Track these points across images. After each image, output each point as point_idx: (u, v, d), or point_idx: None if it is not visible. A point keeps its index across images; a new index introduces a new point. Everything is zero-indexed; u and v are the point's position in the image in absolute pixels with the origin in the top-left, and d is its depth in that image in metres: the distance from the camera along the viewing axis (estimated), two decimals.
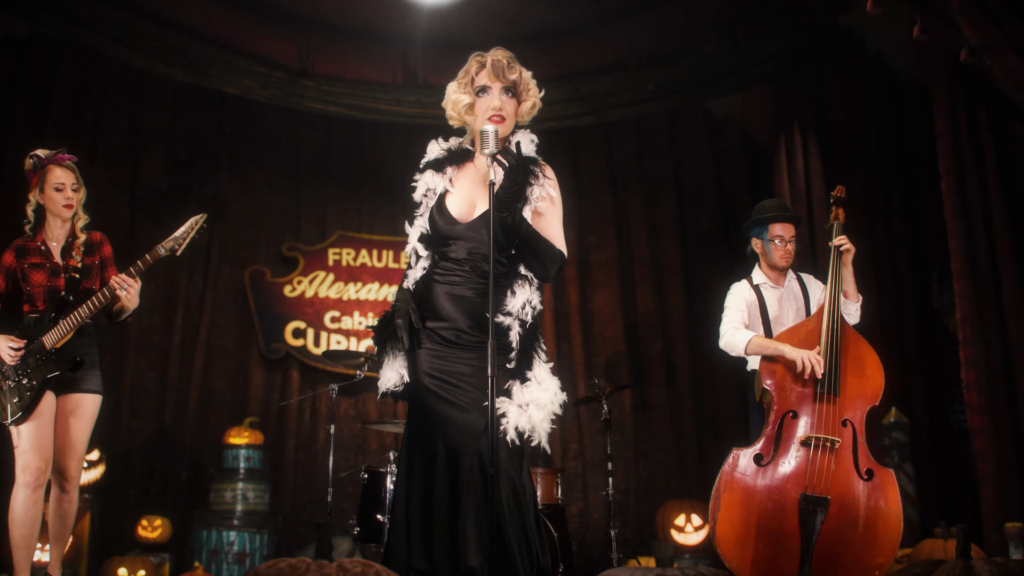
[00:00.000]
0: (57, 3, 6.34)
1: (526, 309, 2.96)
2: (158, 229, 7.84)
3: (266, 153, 8.32)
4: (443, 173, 3.11)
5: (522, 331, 2.95)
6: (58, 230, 4.11)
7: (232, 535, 6.66)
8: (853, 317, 4.46)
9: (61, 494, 4.01)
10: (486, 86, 3.00)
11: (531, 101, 3.08)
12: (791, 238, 4.60)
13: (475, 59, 3.07)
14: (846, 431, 4.17)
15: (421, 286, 3.03)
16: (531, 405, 2.87)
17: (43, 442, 3.87)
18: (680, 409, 8.30)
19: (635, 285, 8.63)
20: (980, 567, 3.09)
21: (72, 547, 6.23)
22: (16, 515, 3.82)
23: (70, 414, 4.00)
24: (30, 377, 3.88)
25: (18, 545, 3.83)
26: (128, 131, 7.87)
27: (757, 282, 4.64)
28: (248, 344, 8.00)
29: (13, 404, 3.85)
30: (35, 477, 3.83)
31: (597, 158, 8.82)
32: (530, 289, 2.99)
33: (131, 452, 7.37)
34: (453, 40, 7.19)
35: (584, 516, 7.96)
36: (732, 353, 4.50)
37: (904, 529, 4.07)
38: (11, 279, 4.02)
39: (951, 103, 5.74)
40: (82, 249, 4.11)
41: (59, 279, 4.03)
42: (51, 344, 3.90)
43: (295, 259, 8.14)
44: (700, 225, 8.79)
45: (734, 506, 4.09)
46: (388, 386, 3.05)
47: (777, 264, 4.59)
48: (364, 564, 2.31)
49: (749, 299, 4.57)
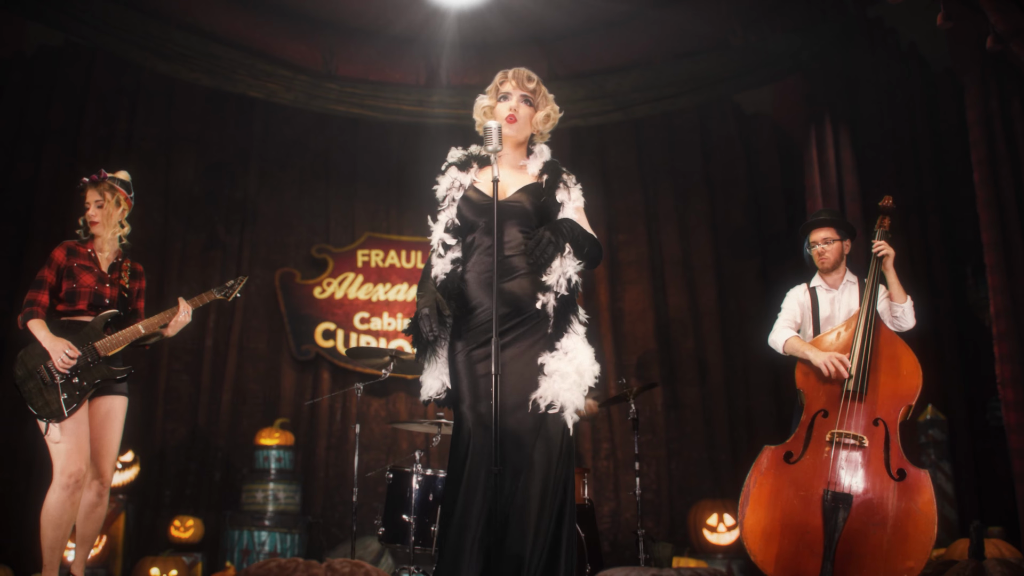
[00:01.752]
0: (86, 12, 6.44)
1: (561, 282, 3.01)
2: (190, 233, 7.97)
3: (295, 156, 8.40)
4: (467, 171, 3.22)
5: (557, 304, 2.99)
6: (104, 245, 4.22)
7: (263, 535, 6.72)
8: (905, 320, 4.50)
9: (95, 499, 4.04)
10: (508, 92, 3.21)
11: (546, 111, 3.25)
12: (824, 240, 4.70)
13: (501, 72, 3.28)
14: (877, 430, 4.14)
15: (450, 277, 3.07)
16: (555, 375, 2.91)
17: (82, 444, 3.89)
18: (713, 407, 8.21)
19: (666, 283, 8.55)
20: (992, 568, 3.01)
21: (107, 547, 6.34)
22: (52, 516, 3.82)
23: (105, 416, 4.06)
24: (80, 378, 3.91)
25: (51, 546, 3.83)
26: (160, 137, 7.99)
27: (813, 285, 4.79)
28: (279, 346, 8.07)
29: (63, 400, 3.85)
30: (75, 480, 3.83)
31: (626, 155, 8.76)
32: (565, 259, 3.04)
33: (166, 453, 7.47)
34: (476, 41, 7.19)
35: (616, 516, 7.90)
36: (775, 350, 4.68)
37: (941, 529, 3.99)
38: (60, 276, 4.07)
39: (983, 93, 5.59)
40: (128, 272, 4.27)
41: (105, 287, 4.11)
42: (104, 351, 4.00)
43: (324, 261, 8.19)
44: (732, 222, 8.68)
45: (762, 502, 4.14)
46: (431, 394, 3.07)
47: (817, 267, 4.73)
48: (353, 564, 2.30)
49: (802, 301, 4.74)
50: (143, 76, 7.82)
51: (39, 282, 4.03)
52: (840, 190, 7.14)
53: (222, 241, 8.09)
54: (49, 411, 3.84)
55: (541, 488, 2.82)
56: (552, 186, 3.15)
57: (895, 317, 4.49)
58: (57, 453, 3.84)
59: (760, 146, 8.70)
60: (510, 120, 3.14)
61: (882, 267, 4.43)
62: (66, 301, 4.05)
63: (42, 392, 3.86)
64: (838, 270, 4.72)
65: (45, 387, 3.86)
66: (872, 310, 4.33)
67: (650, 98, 7.36)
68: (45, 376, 3.87)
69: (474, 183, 3.18)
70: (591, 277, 8.44)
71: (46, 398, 3.85)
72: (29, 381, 3.88)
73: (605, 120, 7.88)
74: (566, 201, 3.14)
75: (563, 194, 3.15)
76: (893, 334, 4.35)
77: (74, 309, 4.04)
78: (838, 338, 4.41)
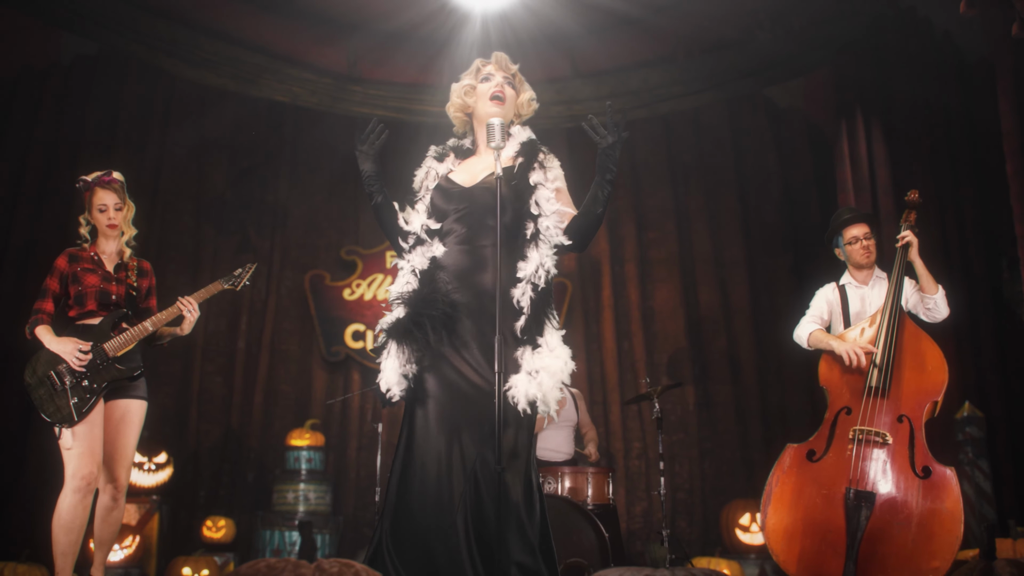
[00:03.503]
0: (115, 21, 6.57)
1: (539, 273, 2.92)
2: (222, 236, 8.07)
3: (324, 159, 8.46)
4: (443, 162, 3.23)
5: (534, 295, 2.89)
6: (109, 247, 4.21)
7: (294, 535, 6.78)
8: (939, 310, 4.44)
9: (110, 502, 4.00)
10: (491, 74, 3.17)
11: (528, 94, 3.21)
12: (865, 235, 4.67)
13: (480, 59, 3.25)
14: (902, 427, 4.05)
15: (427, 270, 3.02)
16: (542, 372, 2.80)
17: (94, 447, 3.86)
18: (745, 406, 8.10)
19: (697, 281, 8.46)
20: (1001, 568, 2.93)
21: (141, 547, 6.44)
22: (63, 520, 3.79)
23: (120, 420, 4.01)
24: (90, 380, 3.88)
25: (63, 551, 3.80)
26: (192, 142, 8.10)
27: (843, 283, 4.73)
28: (310, 347, 8.15)
29: (73, 404, 3.84)
30: (86, 483, 3.80)
31: (654, 153, 8.68)
32: (542, 252, 2.95)
33: (200, 455, 7.59)
34: (500, 42, 7.18)
35: (648, 516, 7.84)
36: (801, 345, 4.64)
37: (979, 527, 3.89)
38: (63, 283, 4.08)
39: (1015, 81, 5.44)
40: (135, 271, 4.22)
41: (111, 285, 4.08)
42: (112, 352, 3.96)
43: (353, 263, 8.25)
44: (764, 218, 8.56)
45: (784, 501, 4.10)
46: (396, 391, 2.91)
47: (861, 263, 4.67)
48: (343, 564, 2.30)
49: (831, 298, 4.70)
50: (175, 83, 7.94)
51: (43, 291, 4.04)
52: (872, 184, 7.01)
53: (253, 245, 8.19)
54: (60, 416, 3.83)
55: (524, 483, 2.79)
56: (525, 168, 3.05)
57: (928, 309, 4.42)
58: (68, 457, 3.81)
59: (792, 140, 8.57)
60: (495, 98, 3.10)
61: (908, 257, 4.35)
62: (76, 305, 4.04)
63: (52, 398, 3.85)
64: (870, 266, 4.67)
65: (55, 393, 3.85)
66: (896, 304, 4.24)
67: (675, 94, 7.30)
68: (55, 382, 3.86)
69: (449, 172, 3.17)
70: (621, 275, 8.39)
71: (57, 403, 3.84)
72: (40, 388, 3.88)
73: (631, 117, 7.82)
74: (541, 183, 3.03)
75: (538, 175, 3.04)
76: (918, 328, 4.25)
77: (84, 311, 4.03)
78: (862, 334, 4.32)
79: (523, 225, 2.98)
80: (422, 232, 3.08)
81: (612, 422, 8.07)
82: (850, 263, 4.69)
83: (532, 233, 2.97)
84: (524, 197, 3.01)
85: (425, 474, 2.78)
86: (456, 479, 2.74)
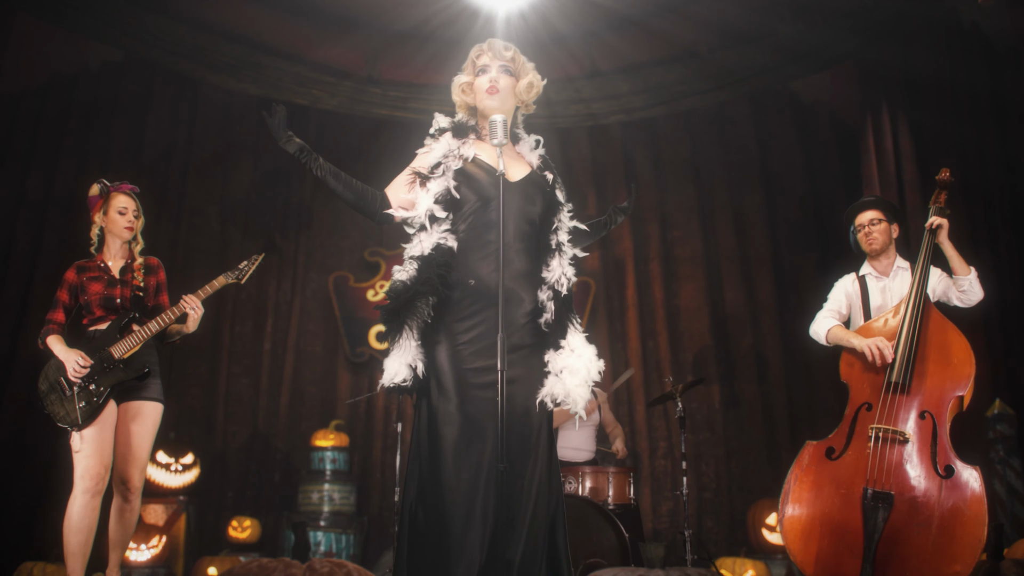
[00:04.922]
0: (139, 28, 6.65)
1: (561, 280, 2.94)
2: (247, 239, 8.15)
3: (346, 161, 8.48)
4: (464, 140, 3.04)
5: (556, 300, 2.91)
6: (117, 252, 4.28)
7: (319, 535, 6.82)
8: (973, 292, 4.29)
9: (124, 503, 4.05)
10: (486, 65, 3.08)
11: (528, 79, 3.08)
12: (869, 222, 4.55)
13: (476, 46, 3.15)
14: (924, 424, 3.95)
15: (441, 254, 2.85)
16: (564, 371, 2.81)
17: (104, 448, 3.93)
18: (772, 405, 8.01)
19: (722, 278, 8.38)
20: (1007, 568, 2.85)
21: (168, 547, 6.52)
22: (73, 522, 3.84)
23: (131, 421, 4.06)
24: (97, 383, 3.96)
25: (74, 552, 3.84)
26: (217, 146, 8.20)
27: (863, 273, 4.62)
28: (335, 349, 8.20)
29: (81, 408, 3.93)
30: (95, 483, 3.86)
31: (678, 149, 8.62)
32: (564, 259, 2.98)
33: (227, 456, 7.66)
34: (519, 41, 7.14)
35: (674, 516, 7.78)
36: (818, 341, 4.53)
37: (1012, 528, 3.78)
38: (74, 294, 4.19)
39: None
40: (142, 270, 4.28)
41: (115, 290, 4.15)
42: (119, 354, 4.03)
43: (377, 264, 8.29)
44: (790, 214, 8.46)
45: (801, 500, 4.03)
46: (396, 380, 2.78)
47: (865, 251, 4.57)
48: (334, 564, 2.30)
49: (850, 290, 4.58)
50: (200, 88, 8.02)
51: (54, 302, 4.16)
52: (899, 178, 6.88)
53: (278, 247, 8.26)
54: (69, 420, 3.93)
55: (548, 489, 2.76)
56: (555, 184, 3.08)
57: (962, 292, 4.27)
58: (78, 459, 3.89)
59: (817, 135, 8.44)
60: (491, 92, 3.00)
61: (937, 240, 4.22)
62: (86, 313, 4.15)
63: (63, 403, 3.96)
64: (887, 255, 4.53)
65: (65, 398, 3.95)
66: (921, 294, 4.11)
67: (697, 89, 7.23)
68: (64, 387, 3.97)
69: (476, 156, 3.00)
70: (646, 274, 8.35)
71: (66, 408, 3.94)
72: (51, 394, 4.00)
73: (653, 114, 7.78)
74: (563, 203, 3.07)
75: (562, 194, 3.09)
76: (944, 318, 4.11)
77: (94, 318, 4.13)
78: (885, 325, 4.21)
79: (549, 235, 3.01)
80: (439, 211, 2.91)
81: (637, 421, 8.03)
82: (864, 252, 4.59)
83: (557, 243, 3.00)
84: (555, 209, 3.03)
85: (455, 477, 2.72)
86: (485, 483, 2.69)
